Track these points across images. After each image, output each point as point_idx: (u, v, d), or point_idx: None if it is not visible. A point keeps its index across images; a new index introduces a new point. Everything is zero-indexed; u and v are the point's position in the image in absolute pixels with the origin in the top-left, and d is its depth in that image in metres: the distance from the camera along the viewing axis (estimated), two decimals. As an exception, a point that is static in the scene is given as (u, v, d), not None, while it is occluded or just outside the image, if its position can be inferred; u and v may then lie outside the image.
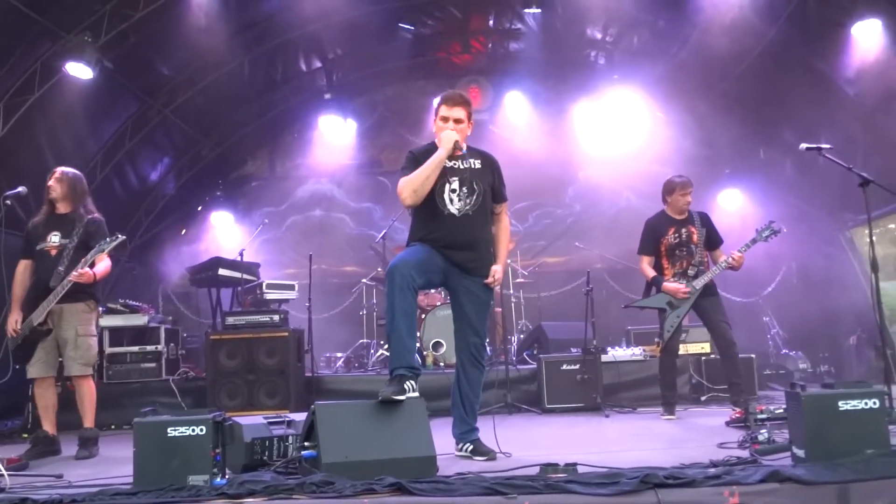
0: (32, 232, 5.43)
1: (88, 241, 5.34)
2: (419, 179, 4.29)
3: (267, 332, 7.14)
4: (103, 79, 7.30)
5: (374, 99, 11.44)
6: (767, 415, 4.44)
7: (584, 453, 4.12)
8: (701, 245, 6.16)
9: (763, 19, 7.76)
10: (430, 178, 4.29)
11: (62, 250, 5.29)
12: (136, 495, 3.32)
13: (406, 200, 4.32)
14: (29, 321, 5.22)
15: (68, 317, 5.31)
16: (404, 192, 4.30)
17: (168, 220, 10.39)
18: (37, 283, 5.33)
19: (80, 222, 5.39)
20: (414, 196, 4.29)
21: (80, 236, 5.34)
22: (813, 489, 3.01)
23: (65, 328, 5.30)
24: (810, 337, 9.51)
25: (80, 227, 5.37)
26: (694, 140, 10.96)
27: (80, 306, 5.37)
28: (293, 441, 4.17)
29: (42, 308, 5.18)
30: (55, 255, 5.30)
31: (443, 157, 4.32)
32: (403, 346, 4.07)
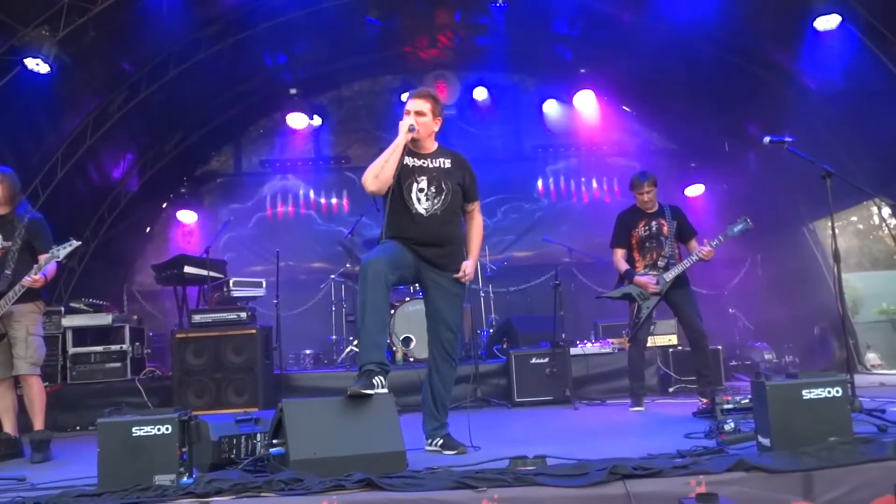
0: None
1: (32, 241, 5.27)
2: (378, 165, 4.29)
3: (234, 330, 7.06)
4: (63, 74, 7.14)
5: (341, 94, 11.37)
6: (734, 405, 4.48)
7: (553, 446, 4.14)
8: (671, 237, 6.22)
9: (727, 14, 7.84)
10: (389, 162, 4.27)
11: (6, 253, 5.20)
12: (101, 496, 3.27)
13: (368, 187, 4.30)
14: None
15: (18, 317, 5.23)
16: (367, 179, 4.30)
17: (132, 218, 10.22)
18: None
19: (20, 223, 5.29)
20: (376, 182, 4.27)
21: (24, 237, 5.25)
22: (778, 477, 3.05)
23: (16, 328, 5.23)
24: (775, 328, 9.66)
25: (22, 228, 5.27)
26: (660, 134, 11.07)
27: (30, 306, 5.30)
28: (261, 439, 4.13)
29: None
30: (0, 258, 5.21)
31: (398, 143, 4.30)
32: (373, 341, 4.04)
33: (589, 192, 11.21)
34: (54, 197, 8.19)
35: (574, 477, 3.11)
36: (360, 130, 11.31)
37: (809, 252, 9.35)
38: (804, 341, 9.32)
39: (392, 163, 4.29)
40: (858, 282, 14.46)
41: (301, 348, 9.20)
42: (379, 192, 4.33)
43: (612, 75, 10.15)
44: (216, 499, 3.17)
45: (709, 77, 9.07)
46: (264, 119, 11.26)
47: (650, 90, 10.02)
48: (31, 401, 5.31)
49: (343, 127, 11.36)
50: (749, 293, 10.28)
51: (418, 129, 4.37)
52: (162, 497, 3.20)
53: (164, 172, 10.34)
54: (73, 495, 3.32)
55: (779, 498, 3.02)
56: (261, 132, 11.40)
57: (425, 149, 4.49)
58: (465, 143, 10.89)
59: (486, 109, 11.03)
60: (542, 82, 11.03)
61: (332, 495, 3.11)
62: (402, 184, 4.34)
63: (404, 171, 4.36)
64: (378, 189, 4.30)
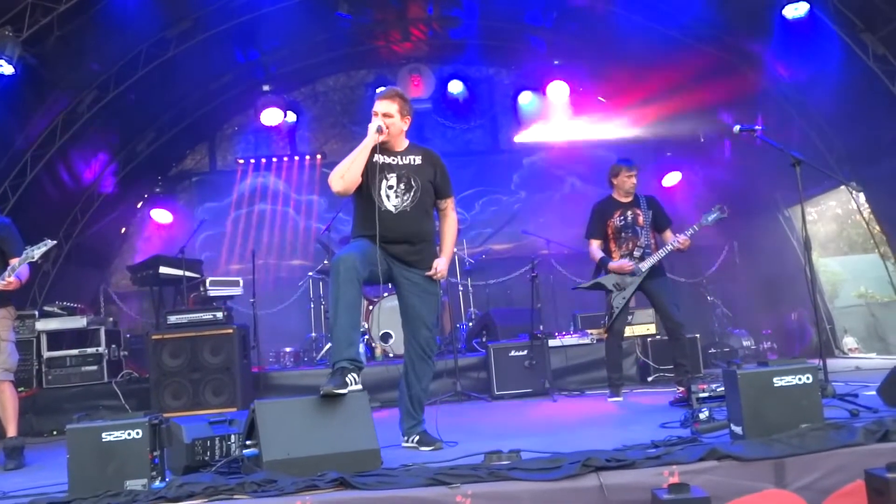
0: None
1: (2, 246, 5.23)
2: (345, 166, 4.27)
3: (210, 330, 7.00)
4: (28, 74, 7.03)
5: (315, 89, 11.29)
6: (709, 393, 4.50)
7: (530, 439, 4.15)
8: (647, 227, 6.24)
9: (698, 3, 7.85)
10: (356, 162, 4.25)
11: None
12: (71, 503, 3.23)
13: (334, 187, 4.28)
14: None
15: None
16: (333, 180, 4.28)
17: (106, 219, 10.09)
18: None
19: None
20: (342, 182, 4.25)
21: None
22: (750, 465, 3.07)
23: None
24: (754, 315, 9.72)
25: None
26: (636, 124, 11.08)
27: (1, 312, 5.24)
28: (235, 440, 4.09)
29: None
30: None
31: (366, 144, 4.28)
32: (346, 338, 4.02)
33: (566, 183, 11.21)
34: (25, 200, 8.06)
35: (548, 470, 3.12)
36: (335, 126, 11.25)
37: (785, 239, 9.42)
38: (782, 327, 9.40)
39: (359, 163, 4.27)
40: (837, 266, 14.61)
41: (281, 346, 9.15)
42: (345, 193, 4.30)
43: (586, 66, 10.15)
44: (188, 502, 3.14)
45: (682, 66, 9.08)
46: (238, 116, 11.16)
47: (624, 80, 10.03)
48: (4, 407, 5.24)
49: (318, 123, 11.30)
50: (727, 280, 10.34)
51: (387, 130, 4.34)
52: (133, 502, 3.17)
53: (137, 172, 10.22)
54: (44, 503, 3.28)
55: (751, 486, 3.04)
56: (235, 129, 11.31)
57: (395, 147, 4.45)
58: (441, 137, 10.91)
59: (461, 102, 10.98)
60: (517, 74, 11.01)
61: (305, 495, 3.10)
62: (371, 181, 4.31)
63: (373, 169, 4.33)
64: (344, 189, 4.27)
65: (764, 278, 9.56)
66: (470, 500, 3.03)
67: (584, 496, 3.00)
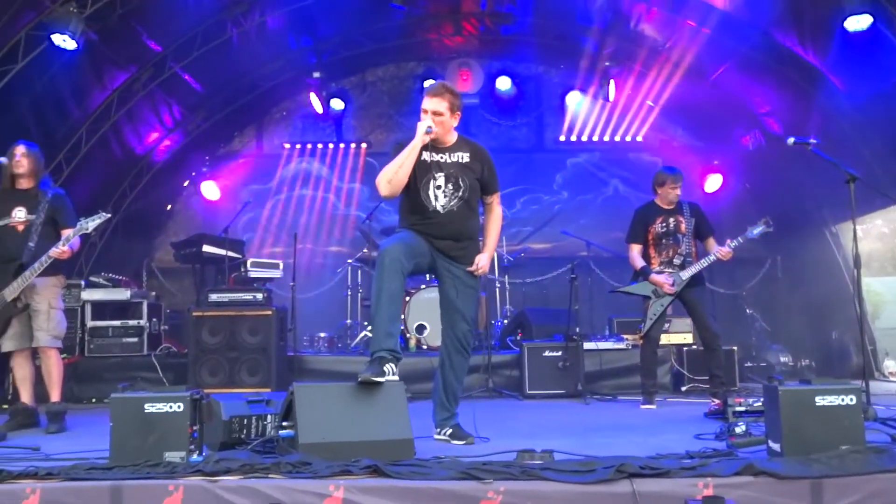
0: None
1: (55, 216, 5.38)
2: (392, 169, 4.24)
3: (250, 311, 7.11)
4: (89, 50, 7.20)
5: (364, 79, 11.34)
6: (746, 407, 4.46)
7: (562, 440, 4.15)
8: (689, 235, 6.19)
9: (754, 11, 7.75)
10: (403, 167, 4.23)
11: (30, 226, 5.29)
12: (112, 470, 3.31)
13: (382, 192, 4.28)
14: (1, 296, 5.20)
15: (41, 290, 5.32)
16: (380, 184, 4.27)
17: (154, 195, 10.29)
18: (3, 258, 5.31)
19: (43, 198, 5.38)
20: (389, 187, 4.24)
21: (47, 212, 5.35)
22: (787, 483, 3.03)
23: (38, 301, 5.31)
24: (793, 331, 9.58)
25: (45, 203, 5.36)
26: (684, 130, 10.98)
27: (52, 280, 5.40)
28: (272, 420, 4.16)
29: (17, 284, 5.17)
30: (23, 231, 5.30)
31: (415, 145, 4.24)
32: (386, 329, 4.04)
33: (609, 185, 11.13)
34: (78, 172, 8.28)
35: (581, 473, 3.11)
36: (382, 116, 11.29)
37: (831, 255, 9.25)
38: (822, 346, 9.24)
39: (407, 167, 4.24)
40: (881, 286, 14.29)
41: (316, 331, 9.22)
42: (392, 196, 4.29)
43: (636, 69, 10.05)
44: (224, 478, 3.20)
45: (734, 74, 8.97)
46: (287, 101, 11.27)
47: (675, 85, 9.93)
48: (49, 373, 5.39)
49: (365, 112, 11.36)
50: (768, 294, 10.21)
51: (436, 129, 4.31)
52: (171, 474, 3.24)
53: (186, 150, 10.41)
54: (85, 468, 3.37)
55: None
56: (283, 114, 11.42)
57: (444, 143, 4.43)
58: (486, 133, 10.90)
59: (508, 99, 10.98)
60: (566, 74, 10.95)
61: (338, 480, 3.14)
62: (420, 180, 4.32)
63: (422, 167, 4.32)
64: (391, 193, 4.27)
65: (806, 295, 9.41)
66: (501, 497, 3.04)
67: (616, 501, 2.99)
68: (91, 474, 3.28)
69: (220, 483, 3.15)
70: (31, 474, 3.30)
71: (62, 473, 3.29)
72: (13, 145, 5.45)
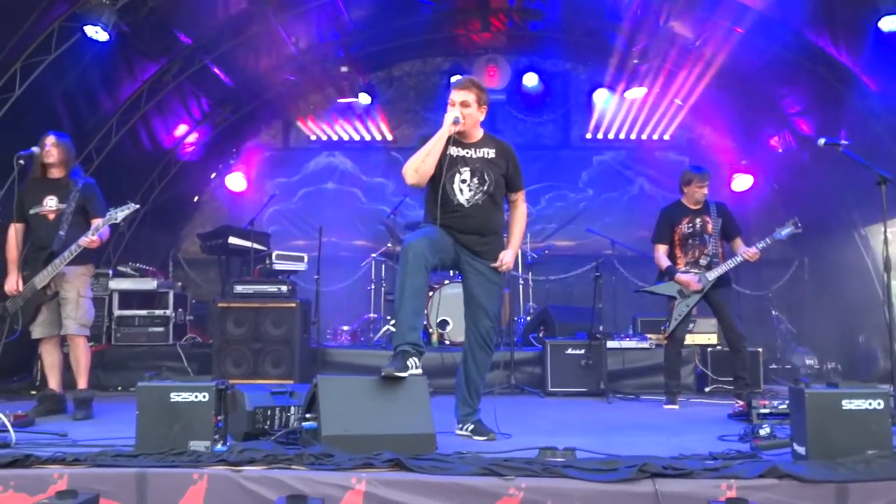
0: (26, 196, 5.46)
1: (85, 205, 5.46)
2: (419, 158, 4.29)
3: (275, 303, 7.15)
4: (120, 42, 7.28)
5: (391, 73, 11.35)
6: (770, 409, 4.42)
7: (584, 438, 4.14)
8: (715, 236, 6.14)
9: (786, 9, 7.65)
10: (430, 156, 4.27)
11: (60, 215, 5.37)
12: (138, 458, 3.36)
13: (408, 179, 4.32)
14: (31, 284, 5.29)
15: (70, 278, 5.40)
16: (407, 172, 4.32)
17: (181, 186, 10.39)
18: (34, 247, 5.41)
19: (74, 187, 5.46)
20: (416, 175, 4.28)
21: (77, 201, 5.42)
22: (811, 487, 3.01)
23: (67, 289, 5.40)
24: (819, 334, 9.47)
25: (76, 192, 5.44)
26: (712, 129, 10.88)
27: (81, 269, 5.48)
28: (295, 412, 4.19)
29: (48, 272, 5.26)
30: (53, 220, 5.38)
31: (442, 135, 4.29)
32: (409, 324, 4.06)
33: (635, 184, 11.06)
34: (108, 162, 8.37)
35: (603, 472, 3.11)
36: (408, 111, 11.30)
37: (859, 258, 9.12)
38: (848, 349, 9.11)
39: (434, 156, 4.29)
40: (909, 290, 14.11)
41: (339, 324, 9.29)
42: (419, 185, 4.34)
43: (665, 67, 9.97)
44: (248, 468, 3.23)
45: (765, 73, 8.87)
46: (314, 95, 11.31)
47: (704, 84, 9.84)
48: (77, 360, 5.48)
49: (392, 107, 11.37)
50: (794, 296, 10.10)
51: (463, 121, 4.34)
52: (196, 462, 3.28)
53: (214, 143, 10.49)
54: (112, 454, 3.42)
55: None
56: (310, 108, 11.46)
57: (470, 138, 4.46)
58: (512, 129, 10.87)
59: (535, 96, 10.93)
60: (594, 71, 10.88)
61: (360, 472, 3.16)
62: (445, 174, 4.33)
63: (448, 161, 4.35)
64: (418, 182, 4.30)
65: (833, 297, 9.29)
66: (523, 493, 3.04)
67: (638, 501, 2.99)
68: (117, 461, 3.33)
69: (244, 473, 3.18)
70: (59, 460, 3.36)
71: (89, 460, 3.34)
72: (44, 135, 5.53)
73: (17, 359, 7.76)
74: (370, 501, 3.08)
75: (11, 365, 7.68)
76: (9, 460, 3.30)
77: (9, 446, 3.72)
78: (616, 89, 10.40)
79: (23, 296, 5.33)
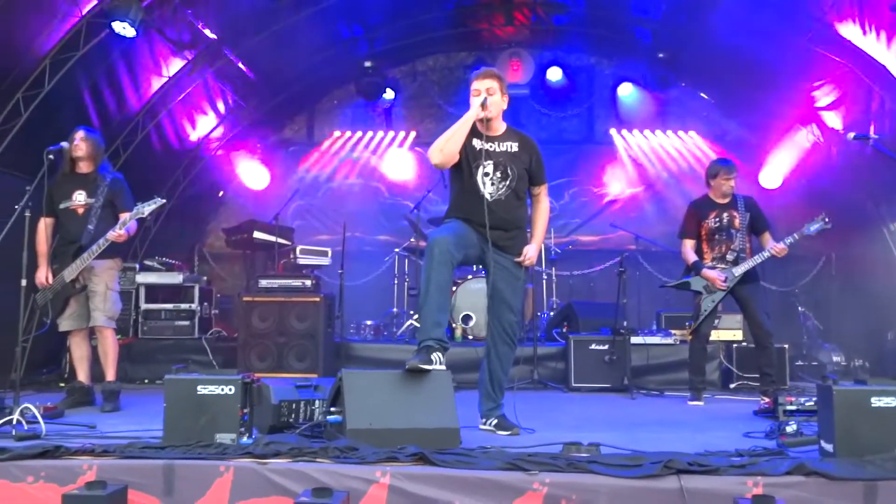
0: (55, 191, 5.54)
1: (114, 199, 5.53)
2: (445, 138, 4.32)
3: (299, 297, 7.19)
4: (147, 38, 7.35)
5: (415, 68, 11.35)
6: (797, 406, 4.38)
7: (607, 434, 4.13)
8: (743, 230, 6.08)
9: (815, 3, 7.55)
10: (456, 135, 4.30)
11: (89, 209, 5.45)
12: (165, 449, 3.41)
13: (433, 159, 4.34)
14: (61, 277, 5.37)
15: (98, 272, 5.47)
16: (433, 152, 4.34)
17: (206, 181, 10.47)
18: (63, 240, 5.49)
19: (102, 181, 5.53)
20: (441, 155, 4.30)
21: (106, 195, 5.50)
22: (839, 484, 2.98)
23: (95, 282, 5.47)
24: (846, 330, 9.34)
25: (104, 187, 5.51)
26: (738, 124, 10.77)
27: (109, 262, 5.55)
28: (320, 405, 4.22)
29: (76, 266, 5.34)
30: (82, 214, 5.46)
31: (469, 117, 4.33)
32: (434, 319, 4.07)
33: (660, 179, 10.98)
34: (134, 157, 8.46)
35: (628, 468, 3.10)
36: (431, 106, 11.28)
37: (888, 254, 8.99)
38: (876, 346, 8.99)
39: (459, 136, 4.31)
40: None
41: (362, 319, 9.31)
42: (443, 166, 4.35)
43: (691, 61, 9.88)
44: (273, 461, 3.26)
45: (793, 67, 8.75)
46: (338, 90, 11.35)
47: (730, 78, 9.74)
48: (105, 352, 5.56)
49: (415, 102, 11.37)
50: (821, 292, 9.98)
51: (489, 106, 4.35)
52: (222, 454, 3.32)
53: (238, 138, 10.55)
54: (139, 446, 3.47)
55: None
56: (334, 103, 11.50)
57: (494, 130, 4.47)
58: (535, 124, 10.83)
59: (559, 90, 10.87)
60: (619, 65, 10.82)
61: (385, 466, 3.18)
62: (469, 166, 4.36)
63: (472, 153, 4.37)
64: (443, 162, 4.32)
65: (861, 293, 9.17)
66: (547, 488, 3.04)
67: (663, 497, 2.98)
68: (145, 452, 3.38)
69: (270, 465, 3.22)
70: (88, 451, 3.41)
71: (117, 451, 3.40)
72: (73, 130, 5.62)
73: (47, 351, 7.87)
74: (394, 495, 3.09)
75: (41, 357, 7.79)
76: (39, 451, 3.37)
77: (39, 437, 3.79)
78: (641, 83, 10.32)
79: (52, 289, 5.41)
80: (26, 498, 3.23)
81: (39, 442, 3.60)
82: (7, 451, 3.35)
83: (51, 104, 6.99)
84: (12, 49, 6.55)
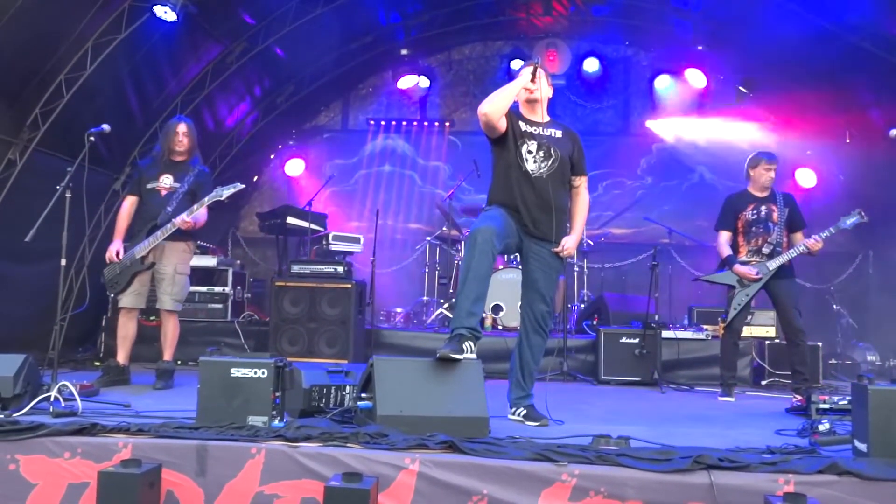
0: (145, 172, 5.74)
1: (196, 189, 5.66)
2: (495, 94, 4.35)
3: (331, 283, 7.24)
4: (187, 23, 7.42)
5: (451, 57, 11.33)
6: (830, 405, 4.33)
7: (637, 427, 4.12)
8: (781, 224, 6.00)
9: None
10: (505, 92, 4.34)
11: (172, 193, 5.61)
12: (198, 430, 3.46)
13: (481, 109, 4.28)
14: (131, 253, 5.48)
15: (169, 254, 5.60)
16: (483, 105, 4.29)
17: (241, 166, 10.55)
18: (143, 219, 5.64)
19: (191, 171, 5.71)
20: (489, 106, 4.26)
21: (191, 184, 5.66)
22: (873, 485, 2.94)
23: (165, 264, 5.60)
24: (882, 329, 9.18)
25: (191, 176, 5.68)
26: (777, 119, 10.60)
27: (182, 245, 5.69)
28: (350, 391, 4.26)
29: (148, 244, 5.46)
30: (165, 196, 5.62)
31: (519, 81, 4.41)
32: (469, 308, 4.05)
33: (695, 173, 10.85)
34: (172, 141, 8.53)
35: (657, 462, 3.09)
36: (467, 95, 11.27)
37: (928, 253, 8.83)
38: (913, 347, 8.84)
39: (508, 94, 4.35)
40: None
41: (392, 306, 9.37)
42: (488, 120, 4.29)
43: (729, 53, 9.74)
44: (304, 444, 3.30)
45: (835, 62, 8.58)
46: (373, 77, 11.38)
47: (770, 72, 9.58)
48: (166, 334, 5.72)
49: (450, 90, 11.37)
50: (857, 290, 9.82)
51: (538, 85, 4.41)
52: (254, 437, 3.36)
53: (274, 124, 10.62)
54: (174, 426, 3.53)
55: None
56: (369, 90, 11.54)
57: (538, 116, 4.52)
58: (571, 115, 10.77)
59: (595, 81, 10.80)
60: (656, 56, 10.71)
61: (414, 453, 3.20)
62: (514, 142, 4.39)
63: (516, 132, 4.42)
64: (489, 112, 4.27)
65: (898, 293, 9.01)
66: (576, 480, 3.05)
67: (692, 492, 2.96)
68: (179, 433, 3.44)
69: (300, 449, 3.25)
70: (124, 429, 3.48)
71: (152, 430, 3.46)
72: (174, 122, 5.83)
73: (84, 330, 8.04)
74: (423, 482, 3.12)
75: (77, 335, 7.96)
76: (76, 428, 3.44)
77: (76, 415, 3.86)
78: (678, 75, 10.21)
79: (121, 264, 5.54)
80: (63, 473, 3.31)
81: (76, 419, 3.66)
82: (45, 426, 3.43)
83: (92, 87, 7.09)
84: (56, 32, 6.65)
